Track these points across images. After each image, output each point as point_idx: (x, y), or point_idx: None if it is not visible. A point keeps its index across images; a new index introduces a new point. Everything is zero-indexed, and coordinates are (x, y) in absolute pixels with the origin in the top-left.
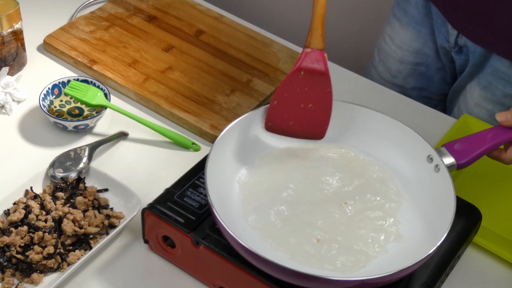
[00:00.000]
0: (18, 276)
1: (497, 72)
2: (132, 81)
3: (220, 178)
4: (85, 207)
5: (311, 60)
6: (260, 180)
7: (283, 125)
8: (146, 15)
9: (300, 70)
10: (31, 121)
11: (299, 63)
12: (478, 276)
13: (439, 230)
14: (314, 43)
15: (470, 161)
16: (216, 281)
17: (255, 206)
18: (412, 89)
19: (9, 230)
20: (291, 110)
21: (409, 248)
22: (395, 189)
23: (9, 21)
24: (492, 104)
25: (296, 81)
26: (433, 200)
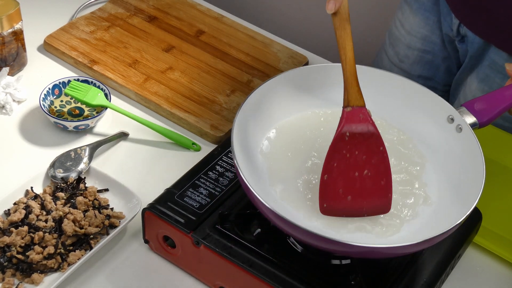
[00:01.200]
0: (18, 276)
1: (495, 65)
2: (133, 81)
3: (245, 151)
4: (86, 207)
5: (354, 119)
6: (282, 150)
7: (341, 203)
8: (147, 15)
9: (344, 133)
10: (32, 121)
11: (342, 125)
12: (478, 276)
13: (470, 190)
14: (352, 101)
15: (491, 119)
16: (217, 281)
17: (282, 177)
18: (418, 77)
19: (10, 230)
20: (345, 182)
21: (440, 210)
22: (417, 152)
23: (9, 21)
24: None
25: (343, 146)
26: (458, 161)
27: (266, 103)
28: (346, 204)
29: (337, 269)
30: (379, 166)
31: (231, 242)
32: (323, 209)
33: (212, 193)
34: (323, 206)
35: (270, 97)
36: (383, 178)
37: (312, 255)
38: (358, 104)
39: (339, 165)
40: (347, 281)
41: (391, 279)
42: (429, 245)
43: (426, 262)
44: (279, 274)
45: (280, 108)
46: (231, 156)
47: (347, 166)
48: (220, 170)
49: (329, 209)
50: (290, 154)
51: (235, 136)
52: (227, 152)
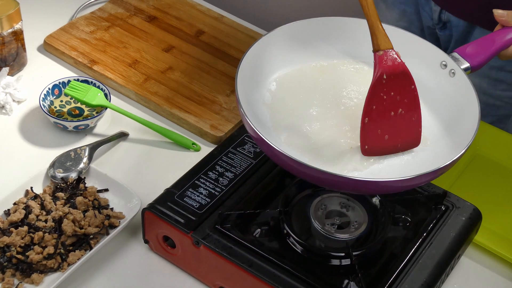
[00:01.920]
0: (18, 276)
1: None
2: (133, 81)
3: (248, 102)
4: (85, 207)
5: (388, 62)
6: (283, 101)
7: (380, 143)
8: (147, 15)
9: (382, 75)
10: (32, 121)
11: (378, 68)
12: (478, 276)
13: (466, 131)
14: (382, 44)
15: (482, 63)
16: (216, 281)
17: (285, 125)
18: None
19: (9, 230)
20: (383, 123)
21: (437, 151)
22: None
23: (9, 21)
24: (479, 78)
25: (380, 89)
26: (453, 104)
27: (264, 57)
28: (384, 143)
29: (337, 269)
30: (411, 104)
31: (231, 242)
32: (364, 151)
33: (212, 193)
34: (365, 148)
35: (268, 51)
36: (414, 115)
37: (312, 255)
38: (388, 47)
39: (378, 108)
40: (347, 281)
41: (391, 279)
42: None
43: (426, 262)
44: (279, 274)
45: (278, 61)
46: (231, 156)
47: (384, 107)
48: (220, 170)
49: (369, 150)
50: (291, 104)
51: (239, 88)
52: (227, 152)
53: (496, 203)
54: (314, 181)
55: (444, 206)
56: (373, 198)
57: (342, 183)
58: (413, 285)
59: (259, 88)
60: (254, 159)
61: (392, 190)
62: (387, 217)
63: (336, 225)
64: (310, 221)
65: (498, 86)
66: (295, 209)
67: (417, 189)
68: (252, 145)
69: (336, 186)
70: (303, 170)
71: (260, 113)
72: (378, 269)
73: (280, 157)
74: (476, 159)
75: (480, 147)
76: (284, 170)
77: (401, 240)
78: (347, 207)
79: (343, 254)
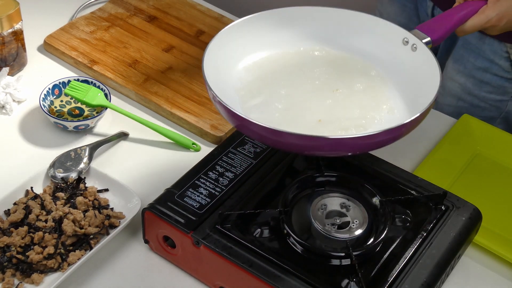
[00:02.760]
0: (18, 276)
1: (468, 44)
2: (133, 82)
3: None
4: (86, 207)
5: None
6: (253, 85)
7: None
8: (147, 15)
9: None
10: (32, 121)
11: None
12: (478, 276)
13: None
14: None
15: (443, 36)
16: (216, 281)
17: (255, 104)
18: None
19: (10, 230)
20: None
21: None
22: (379, 74)
23: (9, 21)
24: (464, 77)
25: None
26: (417, 76)
27: (232, 44)
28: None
29: (337, 269)
30: None
31: (231, 242)
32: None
33: (212, 193)
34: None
35: (236, 38)
36: None
37: (312, 255)
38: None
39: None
40: (347, 281)
41: (391, 279)
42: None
43: (426, 262)
44: (279, 274)
45: (246, 48)
46: (231, 156)
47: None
48: (220, 170)
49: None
50: (260, 86)
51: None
52: (227, 152)
53: (496, 203)
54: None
55: (444, 206)
56: (373, 198)
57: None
58: (413, 285)
59: (227, 74)
60: (254, 159)
61: (359, 147)
62: (387, 217)
63: (336, 225)
64: (310, 221)
65: (483, 88)
66: (295, 209)
67: (417, 189)
68: (252, 145)
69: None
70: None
71: (229, 97)
72: (378, 269)
73: (250, 127)
74: (476, 159)
75: (480, 147)
76: (284, 170)
77: (401, 240)
78: (347, 207)
79: (343, 254)
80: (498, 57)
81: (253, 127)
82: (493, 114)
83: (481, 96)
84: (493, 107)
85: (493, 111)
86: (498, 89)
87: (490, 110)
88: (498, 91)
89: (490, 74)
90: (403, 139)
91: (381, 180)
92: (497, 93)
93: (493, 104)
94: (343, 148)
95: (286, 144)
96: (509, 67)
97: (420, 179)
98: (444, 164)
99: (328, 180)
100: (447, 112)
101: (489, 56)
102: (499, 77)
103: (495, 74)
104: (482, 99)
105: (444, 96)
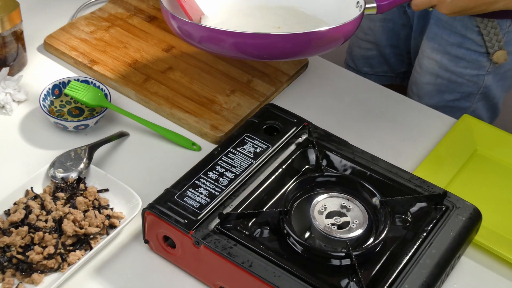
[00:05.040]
0: (18, 276)
1: (440, 21)
2: (132, 82)
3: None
4: (86, 207)
5: None
6: (212, 14)
7: None
8: (147, 15)
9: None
10: (32, 121)
11: None
12: (478, 276)
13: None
14: None
15: (390, 5)
16: (216, 281)
17: (214, 24)
18: (385, 47)
19: (10, 230)
20: None
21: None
22: (321, 20)
23: (9, 21)
24: (440, 54)
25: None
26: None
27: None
28: None
29: (337, 269)
30: None
31: (231, 242)
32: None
33: (212, 193)
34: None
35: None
36: None
37: (312, 255)
38: None
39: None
40: (347, 281)
41: (391, 279)
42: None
43: (426, 262)
44: (279, 274)
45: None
46: (231, 156)
47: None
48: (220, 170)
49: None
50: (221, 13)
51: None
52: (227, 152)
53: (496, 203)
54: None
55: (444, 206)
56: (373, 198)
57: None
58: (413, 285)
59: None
60: (254, 159)
61: (300, 47)
62: (387, 217)
63: (336, 225)
64: (310, 221)
65: (459, 63)
66: (295, 209)
67: (417, 189)
68: (252, 145)
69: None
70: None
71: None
72: (378, 269)
73: (204, 33)
74: (476, 159)
75: (480, 147)
76: (284, 170)
77: (401, 240)
78: (347, 207)
79: (343, 254)
80: (469, 32)
81: (206, 32)
82: (471, 90)
83: (458, 72)
84: (471, 82)
85: (471, 87)
86: (473, 64)
87: (468, 86)
88: (473, 65)
89: (464, 49)
90: (403, 139)
91: (381, 180)
92: (472, 68)
93: (470, 79)
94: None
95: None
96: (481, 41)
97: (420, 179)
98: (444, 164)
99: (328, 180)
100: (426, 91)
101: (461, 31)
102: (473, 51)
103: (469, 49)
104: (459, 74)
105: (422, 75)
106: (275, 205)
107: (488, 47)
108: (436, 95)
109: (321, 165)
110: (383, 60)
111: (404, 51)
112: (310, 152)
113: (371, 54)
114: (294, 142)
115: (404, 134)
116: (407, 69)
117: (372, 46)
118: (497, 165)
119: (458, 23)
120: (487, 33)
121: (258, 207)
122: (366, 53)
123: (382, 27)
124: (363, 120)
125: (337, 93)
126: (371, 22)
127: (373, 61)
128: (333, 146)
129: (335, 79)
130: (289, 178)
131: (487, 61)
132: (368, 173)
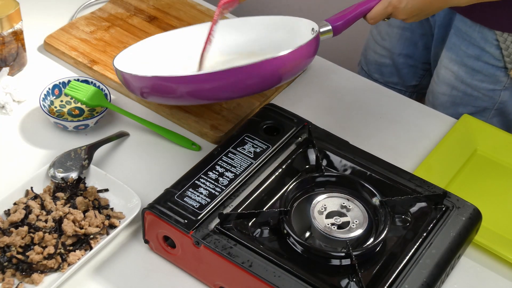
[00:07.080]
0: (18, 276)
1: (460, 32)
2: None
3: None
4: (86, 207)
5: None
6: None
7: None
8: (147, 15)
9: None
10: (32, 121)
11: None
12: (478, 276)
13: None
14: None
15: (344, 24)
16: (216, 281)
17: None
18: (399, 55)
19: (10, 230)
20: None
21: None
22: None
23: (9, 21)
24: (457, 66)
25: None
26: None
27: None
28: None
29: (337, 269)
30: None
31: (231, 242)
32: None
33: (212, 193)
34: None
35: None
36: None
37: (312, 255)
38: None
39: None
40: (347, 281)
41: (391, 279)
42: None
43: (426, 262)
44: (279, 274)
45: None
46: (231, 156)
47: None
48: (220, 170)
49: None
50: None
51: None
52: (227, 152)
53: (496, 203)
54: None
55: (444, 206)
56: (373, 198)
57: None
58: (413, 285)
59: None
60: (254, 159)
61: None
62: (387, 217)
63: (336, 225)
64: (310, 221)
65: (475, 76)
66: (295, 209)
67: (417, 189)
68: (252, 145)
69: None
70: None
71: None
72: (378, 269)
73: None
74: (476, 159)
75: (480, 147)
76: (284, 170)
77: (401, 240)
78: (347, 207)
79: (343, 254)
80: (488, 45)
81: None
82: (487, 105)
83: (474, 85)
84: (486, 96)
85: (487, 101)
86: (490, 78)
87: (483, 100)
88: (490, 80)
89: (482, 62)
90: (403, 139)
91: (381, 180)
92: (489, 82)
93: (486, 94)
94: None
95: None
96: (500, 55)
97: (420, 179)
98: (444, 164)
99: (328, 180)
100: (442, 101)
101: (480, 43)
102: (490, 65)
103: (486, 62)
104: (475, 88)
105: (439, 85)
106: (275, 205)
107: (507, 62)
108: (451, 107)
109: (321, 165)
110: (395, 70)
111: (419, 62)
112: (310, 152)
113: (383, 61)
114: (294, 142)
115: (404, 134)
116: (418, 83)
117: (386, 53)
118: (497, 165)
119: (477, 35)
120: (506, 47)
121: (258, 207)
122: (379, 59)
123: (400, 34)
124: (363, 120)
125: (337, 93)
126: (389, 28)
127: (384, 69)
128: (333, 146)
129: (335, 79)
130: (289, 178)
131: (504, 76)
132: (368, 173)
